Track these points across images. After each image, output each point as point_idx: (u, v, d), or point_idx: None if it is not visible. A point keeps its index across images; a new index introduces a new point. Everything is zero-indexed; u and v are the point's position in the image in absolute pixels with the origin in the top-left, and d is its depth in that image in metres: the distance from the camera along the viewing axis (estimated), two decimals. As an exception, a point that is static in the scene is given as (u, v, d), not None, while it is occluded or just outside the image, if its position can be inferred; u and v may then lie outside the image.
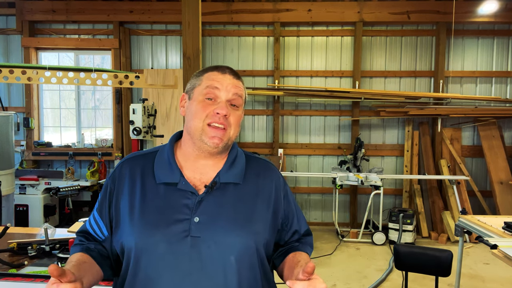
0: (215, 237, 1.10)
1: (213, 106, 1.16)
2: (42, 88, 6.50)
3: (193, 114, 1.17)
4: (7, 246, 2.12)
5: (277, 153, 6.06)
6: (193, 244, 1.09)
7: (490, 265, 4.60)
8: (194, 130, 1.16)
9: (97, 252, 1.18)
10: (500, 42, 6.06)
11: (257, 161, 1.30)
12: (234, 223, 1.13)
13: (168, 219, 1.12)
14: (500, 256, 2.19)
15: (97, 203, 1.24)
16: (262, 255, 1.18)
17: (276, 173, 1.30)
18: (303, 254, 1.27)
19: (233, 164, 1.22)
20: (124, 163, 1.23)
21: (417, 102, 6.00)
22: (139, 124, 3.78)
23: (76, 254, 1.15)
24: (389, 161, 6.24)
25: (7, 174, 4.34)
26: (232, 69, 1.22)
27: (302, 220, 1.35)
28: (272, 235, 1.23)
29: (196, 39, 3.40)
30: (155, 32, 6.26)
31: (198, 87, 1.19)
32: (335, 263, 4.66)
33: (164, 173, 1.18)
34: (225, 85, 1.17)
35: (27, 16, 6.08)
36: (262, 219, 1.19)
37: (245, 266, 1.12)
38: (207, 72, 1.21)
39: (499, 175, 5.77)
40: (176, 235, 1.10)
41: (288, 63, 6.22)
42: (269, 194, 1.23)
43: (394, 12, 5.90)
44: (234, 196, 1.18)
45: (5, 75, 3.76)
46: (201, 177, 1.19)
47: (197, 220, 1.12)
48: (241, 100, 1.21)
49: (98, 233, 1.21)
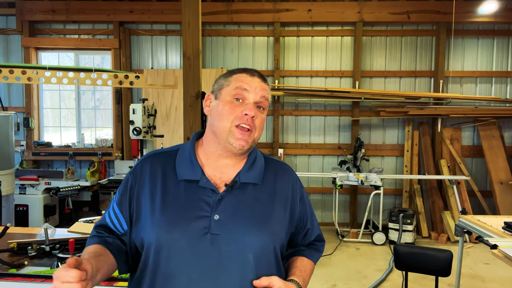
0: (234, 235, 1.12)
1: (241, 107, 1.18)
2: (42, 88, 6.50)
3: (220, 114, 1.19)
4: (7, 246, 2.12)
5: (277, 153, 6.06)
6: (212, 241, 1.11)
7: (490, 265, 4.60)
8: (221, 130, 1.18)
9: (115, 247, 1.19)
10: (500, 42, 6.06)
11: (275, 163, 1.32)
12: (253, 222, 1.15)
13: (189, 215, 1.14)
14: (500, 256, 2.19)
15: (116, 197, 1.25)
16: (278, 254, 1.20)
17: (293, 175, 1.33)
18: (304, 260, 1.30)
19: (253, 165, 1.24)
20: (146, 160, 1.26)
21: (417, 102, 6.01)
22: (139, 124, 3.78)
23: (93, 246, 1.17)
24: (389, 161, 6.24)
25: (7, 174, 4.34)
26: (260, 73, 1.25)
27: (315, 225, 1.37)
28: (287, 236, 1.26)
29: (196, 39, 3.40)
30: (155, 32, 6.26)
31: (227, 88, 1.21)
32: (335, 263, 4.67)
33: (186, 170, 1.20)
34: (254, 87, 1.19)
35: (27, 16, 6.08)
36: (279, 219, 1.21)
37: (262, 264, 1.14)
38: (236, 74, 1.23)
39: (499, 175, 5.77)
40: (196, 232, 1.12)
41: (288, 63, 6.22)
42: (286, 196, 1.26)
43: (394, 12, 5.90)
44: (253, 196, 1.20)
45: (5, 75, 3.76)
46: (222, 176, 1.21)
47: (217, 218, 1.13)
48: (267, 103, 1.24)
49: (118, 227, 1.23)
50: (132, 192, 1.22)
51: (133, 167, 1.27)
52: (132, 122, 3.80)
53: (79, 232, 2.32)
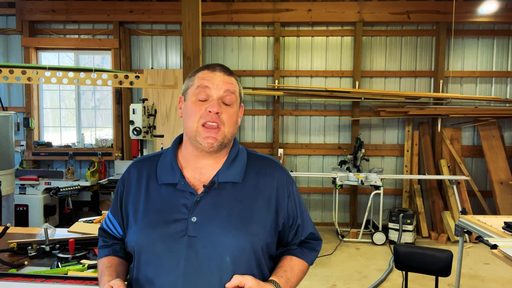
0: (211, 237, 1.11)
1: (206, 105, 1.16)
2: (42, 88, 6.50)
3: (187, 115, 1.19)
4: (7, 246, 2.12)
5: (277, 153, 6.06)
6: (189, 243, 1.10)
7: (490, 265, 4.60)
8: (190, 131, 1.17)
9: (123, 252, 1.28)
10: (500, 42, 6.06)
11: (259, 159, 1.27)
12: (231, 224, 1.13)
13: (167, 218, 1.14)
14: (500, 256, 2.19)
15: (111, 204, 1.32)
16: (259, 256, 1.16)
17: (280, 172, 1.26)
18: (293, 259, 1.25)
19: (233, 163, 1.21)
20: (132, 166, 1.29)
21: (417, 102, 6.00)
22: (139, 124, 3.78)
23: (107, 259, 1.26)
24: (389, 161, 6.24)
25: (7, 174, 4.34)
26: (223, 66, 1.22)
27: (308, 222, 1.31)
28: (274, 235, 1.22)
29: (196, 39, 3.40)
30: (155, 32, 6.26)
31: (191, 88, 1.20)
32: (335, 263, 4.67)
33: (166, 174, 1.20)
34: (215, 83, 1.17)
35: (27, 16, 6.08)
36: (260, 219, 1.17)
37: (241, 267, 1.11)
38: (198, 72, 1.22)
39: (499, 175, 5.77)
40: (173, 234, 1.11)
41: (288, 63, 6.22)
42: (269, 193, 1.21)
43: (394, 12, 5.90)
44: (232, 196, 1.17)
45: (5, 75, 3.76)
46: (201, 177, 1.20)
47: (194, 220, 1.12)
48: (233, 96, 1.19)
49: (115, 232, 1.31)
50: (121, 198, 1.26)
51: (122, 173, 1.31)
52: (132, 122, 3.79)
53: (79, 232, 2.32)
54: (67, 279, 1.66)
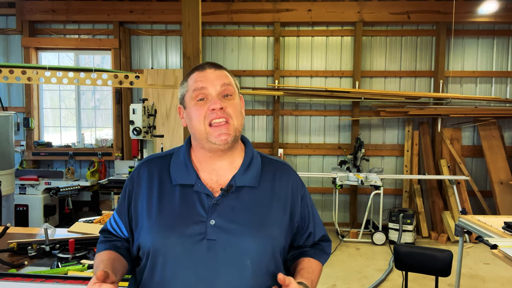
0: (231, 241, 1.10)
1: (207, 104, 1.15)
2: (42, 88, 6.50)
3: (192, 120, 1.18)
4: (7, 246, 2.12)
5: (277, 153, 6.06)
6: (209, 247, 1.09)
7: (490, 265, 4.60)
8: (199, 134, 1.16)
9: (124, 249, 1.23)
10: (500, 42, 6.06)
11: (273, 163, 1.28)
12: (250, 227, 1.13)
13: (185, 221, 1.12)
14: (500, 256, 2.19)
15: (117, 204, 1.28)
16: (278, 260, 1.17)
17: (293, 175, 1.28)
18: (311, 261, 1.26)
19: (248, 167, 1.21)
20: (142, 165, 1.25)
21: (417, 102, 6.01)
22: (139, 124, 3.78)
23: (105, 252, 1.19)
24: (389, 161, 6.24)
25: (7, 174, 4.34)
26: (211, 62, 1.22)
27: (319, 224, 1.33)
28: (288, 239, 1.23)
29: (196, 39, 3.40)
30: (155, 32, 6.26)
31: (187, 94, 1.20)
32: (335, 263, 4.66)
33: (180, 174, 1.19)
34: (210, 80, 1.17)
35: (27, 16, 6.08)
36: (278, 223, 1.18)
37: (261, 270, 1.11)
38: (189, 76, 1.22)
39: (499, 175, 5.77)
40: (192, 237, 1.10)
41: (288, 63, 6.22)
42: (285, 197, 1.22)
43: (394, 12, 5.90)
44: (249, 200, 1.17)
45: (5, 75, 3.76)
46: (218, 179, 1.19)
47: (213, 223, 1.11)
48: (231, 87, 1.19)
49: (119, 232, 1.26)
50: (130, 198, 1.22)
51: (131, 173, 1.28)
52: (132, 122, 3.79)
53: (79, 232, 2.32)
54: (67, 279, 1.66)
